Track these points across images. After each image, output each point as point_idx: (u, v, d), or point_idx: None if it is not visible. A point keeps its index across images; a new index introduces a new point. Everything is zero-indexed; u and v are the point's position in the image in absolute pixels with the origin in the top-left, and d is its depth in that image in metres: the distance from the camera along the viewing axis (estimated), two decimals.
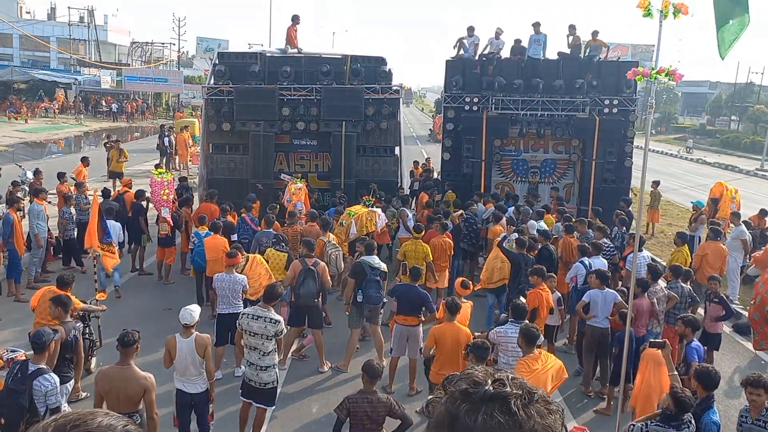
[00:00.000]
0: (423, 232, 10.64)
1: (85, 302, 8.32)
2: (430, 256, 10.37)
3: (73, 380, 6.76)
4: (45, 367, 5.53)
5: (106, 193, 13.33)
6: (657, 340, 6.22)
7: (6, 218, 11.03)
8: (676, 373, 6.08)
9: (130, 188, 13.59)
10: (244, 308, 7.62)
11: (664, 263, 11.37)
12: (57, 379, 5.53)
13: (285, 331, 6.94)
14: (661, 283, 8.90)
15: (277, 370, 6.92)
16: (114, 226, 13.25)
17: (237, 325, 6.86)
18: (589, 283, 8.87)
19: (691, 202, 15.66)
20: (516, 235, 10.64)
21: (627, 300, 8.41)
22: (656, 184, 17.34)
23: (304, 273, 8.75)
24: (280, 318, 6.83)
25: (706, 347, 8.89)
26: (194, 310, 6.42)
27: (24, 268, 11.76)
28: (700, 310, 9.68)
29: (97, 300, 8.68)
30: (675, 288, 8.85)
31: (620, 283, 10.20)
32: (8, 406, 5.36)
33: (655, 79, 6.17)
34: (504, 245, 10.14)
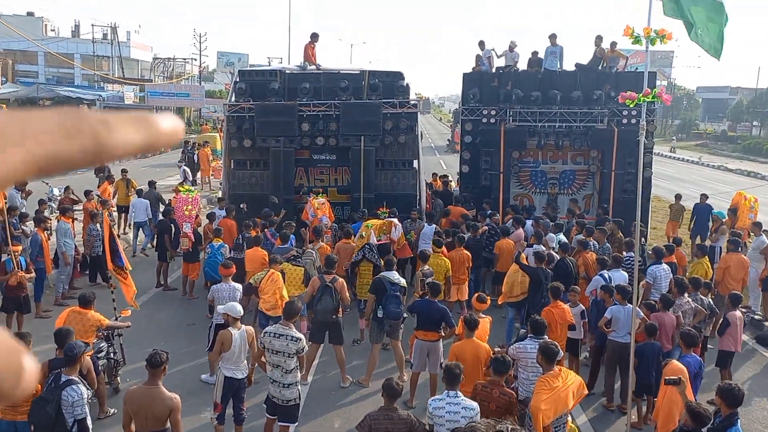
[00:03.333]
0: (443, 246, 10.73)
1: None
2: (450, 271, 10.49)
3: None
4: (75, 378, 5.79)
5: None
6: (672, 378, 6.16)
7: (33, 238, 11.32)
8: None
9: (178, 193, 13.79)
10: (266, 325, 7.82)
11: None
12: (84, 390, 5.78)
13: (306, 348, 7.07)
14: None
15: (299, 387, 7.05)
16: (141, 204, 15.03)
17: (259, 342, 7.00)
18: (602, 297, 8.88)
19: (711, 213, 15.54)
20: (535, 248, 10.69)
21: (652, 313, 8.46)
22: (678, 197, 16.98)
23: (322, 289, 8.92)
24: (302, 336, 6.96)
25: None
26: (237, 305, 7.32)
27: (51, 285, 12.05)
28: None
29: (117, 317, 8.76)
30: (695, 301, 8.84)
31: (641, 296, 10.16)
32: (38, 414, 5.65)
33: (642, 102, 6.36)
34: (519, 260, 10.18)
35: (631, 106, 6.61)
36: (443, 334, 8.36)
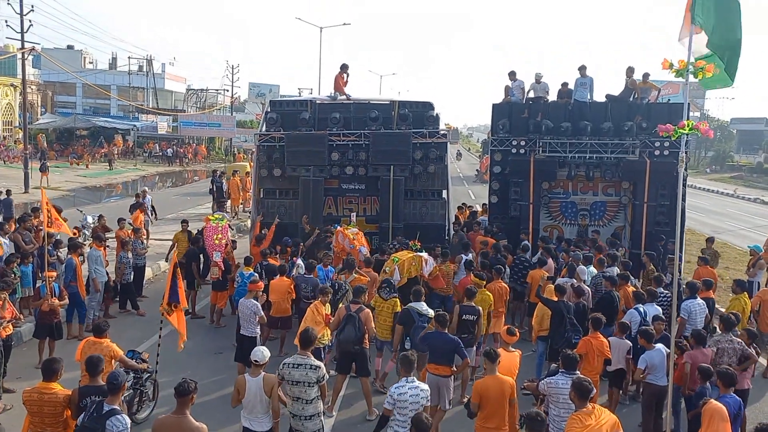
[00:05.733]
0: (485, 280, 10.44)
1: (136, 352, 8.50)
2: (494, 305, 10.34)
3: None
4: (118, 408, 5.77)
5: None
6: None
7: (68, 263, 11.49)
8: None
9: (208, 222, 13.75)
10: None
11: (723, 310, 10.99)
12: (128, 420, 5.75)
13: (326, 376, 6.94)
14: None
15: (322, 418, 6.92)
16: None
17: (277, 374, 6.87)
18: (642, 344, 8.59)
19: (749, 246, 15.11)
20: (558, 281, 10.52)
21: (685, 353, 8.21)
22: (711, 241, 15.02)
23: (346, 319, 8.86)
24: (321, 363, 6.86)
25: None
26: (265, 350, 6.79)
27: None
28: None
29: (143, 359, 8.60)
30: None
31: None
32: None
33: (679, 135, 6.31)
34: (539, 294, 10.00)
35: (674, 138, 6.51)
36: (455, 369, 8.08)
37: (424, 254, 11.86)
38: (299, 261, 12.22)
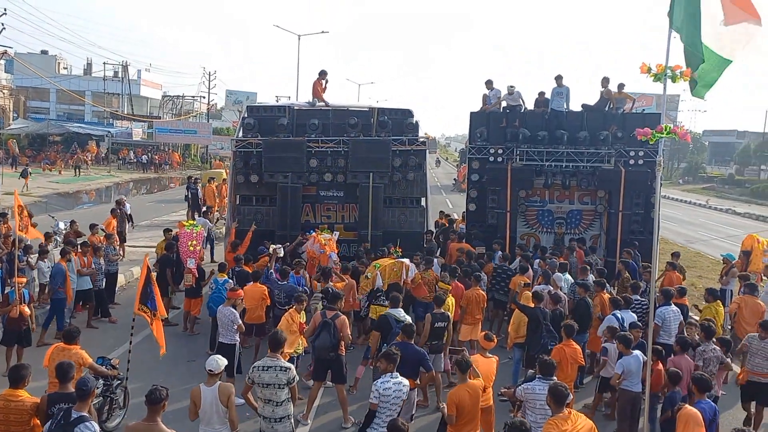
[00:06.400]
0: (450, 285, 10.50)
1: (106, 358, 8.34)
2: (471, 312, 10.34)
3: None
4: (87, 415, 5.60)
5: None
6: None
7: (58, 269, 11.40)
8: None
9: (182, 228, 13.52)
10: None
11: (696, 318, 11.11)
12: (98, 427, 5.59)
13: (297, 377, 6.86)
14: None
15: (292, 420, 6.86)
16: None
17: (247, 378, 6.78)
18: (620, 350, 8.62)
19: (722, 255, 15.31)
20: (536, 288, 10.56)
21: (669, 358, 8.27)
22: (676, 256, 14.34)
23: (321, 325, 8.75)
24: (291, 365, 6.80)
25: None
26: (220, 359, 6.63)
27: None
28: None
29: (113, 365, 8.42)
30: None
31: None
32: None
33: (658, 139, 6.37)
34: (516, 300, 10.04)
35: (652, 142, 6.55)
36: (419, 382, 7.94)
37: (406, 261, 11.85)
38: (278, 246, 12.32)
